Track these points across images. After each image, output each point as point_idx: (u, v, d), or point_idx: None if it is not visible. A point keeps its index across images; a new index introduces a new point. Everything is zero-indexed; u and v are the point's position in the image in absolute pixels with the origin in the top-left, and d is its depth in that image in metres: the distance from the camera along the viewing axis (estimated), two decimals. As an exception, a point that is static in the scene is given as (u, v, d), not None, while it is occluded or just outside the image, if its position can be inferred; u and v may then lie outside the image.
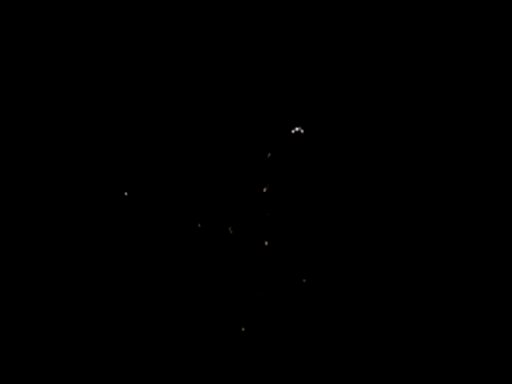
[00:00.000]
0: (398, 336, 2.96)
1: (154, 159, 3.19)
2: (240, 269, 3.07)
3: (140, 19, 3.21)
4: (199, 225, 3.13)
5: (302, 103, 3.23)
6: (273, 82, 3.23)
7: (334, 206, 3.12)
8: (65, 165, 3.14)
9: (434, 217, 3.03)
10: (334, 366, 2.96)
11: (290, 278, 3.06)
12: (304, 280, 3.05)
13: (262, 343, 3.00)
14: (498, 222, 3.01)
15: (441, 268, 2.99)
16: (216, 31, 3.21)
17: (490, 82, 3.11)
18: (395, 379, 2.94)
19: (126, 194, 3.12)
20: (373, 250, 3.05)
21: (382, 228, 3.07)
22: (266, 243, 3.09)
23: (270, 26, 3.22)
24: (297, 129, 3.18)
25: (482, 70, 3.12)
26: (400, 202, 3.08)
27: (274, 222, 3.12)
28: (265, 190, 3.13)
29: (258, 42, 3.22)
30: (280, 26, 3.22)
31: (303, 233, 3.10)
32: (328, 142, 3.18)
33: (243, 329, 3.01)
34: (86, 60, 3.19)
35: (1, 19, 3.13)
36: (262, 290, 3.05)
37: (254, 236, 3.10)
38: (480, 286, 2.97)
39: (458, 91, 3.11)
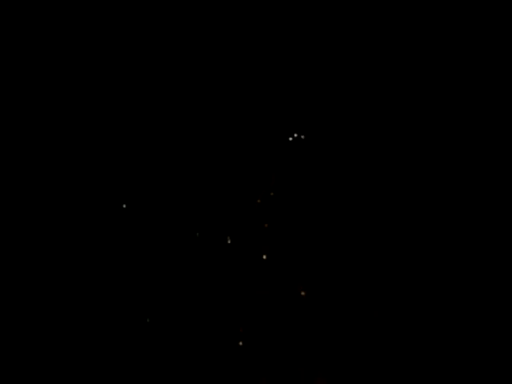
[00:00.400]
0: (397, 348, 2.96)
1: (153, 167, 3.18)
2: (238, 278, 3.06)
3: (140, 19, 3.21)
4: (197, 234, 3.12)
5: (300, 111, 3.22)
6: (269, 90, 3.23)
7: (334, 216, 3.11)
8: (63, 177, 3.14)
9: (434, 238, 3.03)
10: (332, 379, 2.96)
11: (289, 290, 3.05)
12: (303, 293, 3.05)
13: (259, 356, 2.99)
14: (498, 221, 3.01)
15: (444, 292, 2.99)
16: (213, 40, 3.21)
17: (490, 82, 3.11)
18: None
19: (124, 206, 3.12)
20: (372, 262, 3.04)
21: (382, 241, 3.05)
22: (265, 257, 3.08)
23: (269, 33, 3.21)
24: (295, 135, 3.17)
25: (482, 69, 3.12)
26: (400, 211, 3.08)
27: (272, 233, 3.10)
28: (258, 201, 3.12)
29: (256, 49, 3.22)
30: (279, 33, 3.22)
31: (302, 244, 3.09)
32: (327, 150, 3.18)
33: (240, 343, 3.02)
34: (85, 61, 3.19)
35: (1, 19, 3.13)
36: (259, 303, 3.03)
37: (252, 246, 3.09)
38: (480, 286, 2.97)
39: (458, 96, 3.11)
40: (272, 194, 3.16)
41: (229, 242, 3.11)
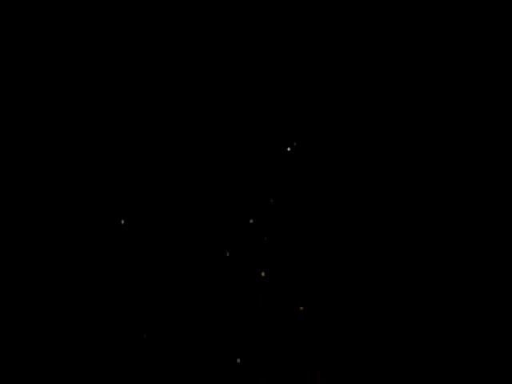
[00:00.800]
0: (396, 350, 2.96)
1: (150, 177, 3.17)
2: (236, 292, 3.05)
3: (140, 19, 3.22)
4: (195, 245, 3.10)
5: (296, 120, 3.21)
6: (267, 97, 3.22)
7: (335, 230, 3.10)
8: (56, 193, 3.12)
9: (433, 256, 3.03)
10: (332, 379, 2.95)
11: (287, 305, 3.04)
12: (301, 308, 3.04)
13: (258, 374, 2.99)
14: (498, 221, 3.01)
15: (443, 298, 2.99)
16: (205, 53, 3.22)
17: (489, 82, 3.12)
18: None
19: (122, 222, 3.11)
20: (371, 277, 3.04)
21: (381, 255, 3.05)
22: (263, 274, 3.06)
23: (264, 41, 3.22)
24: (295, 144, 3.16)
25: (482, 69, 3.13)
26: (399, 222, 3.08)
27: (272, 247, 3.08)
28: (251, 221, 3.11)
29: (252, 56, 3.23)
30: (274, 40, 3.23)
31: (301, 257, 3.08)
32: (327, 159, 3.17)
33: (238, 360, 2.99)
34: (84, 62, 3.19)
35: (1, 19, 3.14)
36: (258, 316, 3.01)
37: (250, 260, 3.07)
38: (480, 286, 2.98)
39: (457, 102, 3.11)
40: (271, 200, 3.15)
41: (227, 254, 3.10)
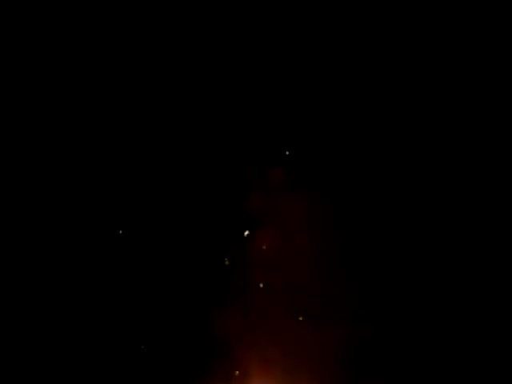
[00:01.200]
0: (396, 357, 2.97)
1: (148, 187, 3.15)
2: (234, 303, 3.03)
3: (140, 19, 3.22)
4: (194, 254, 3.09)
5: (293, 125, 3.20)
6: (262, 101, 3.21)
7: (333, 238, 3.08)
8: (52, 206, 3.10)
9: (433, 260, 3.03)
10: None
11: (286, 314, 2.99)
12: (300, 318, 2.99)
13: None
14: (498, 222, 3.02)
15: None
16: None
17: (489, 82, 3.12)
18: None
19: (120, 231, 3.10)
20: (371, 286, 3.01)
21: (380, 262, 3.04)
22: (261, 285, 3.03)
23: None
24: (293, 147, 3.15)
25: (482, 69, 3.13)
26: (399, 228, 3.07)
27: (270, 255, 3.08)
28: (246, 233, 3.09)
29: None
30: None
31: (301, 266, 3.06)
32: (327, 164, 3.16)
33: (237, 372, 2.96)
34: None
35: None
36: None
37: (249, 269, 3.05)
38: (480, 288, 2.98)
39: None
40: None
41: (227, 263, 3.07)
